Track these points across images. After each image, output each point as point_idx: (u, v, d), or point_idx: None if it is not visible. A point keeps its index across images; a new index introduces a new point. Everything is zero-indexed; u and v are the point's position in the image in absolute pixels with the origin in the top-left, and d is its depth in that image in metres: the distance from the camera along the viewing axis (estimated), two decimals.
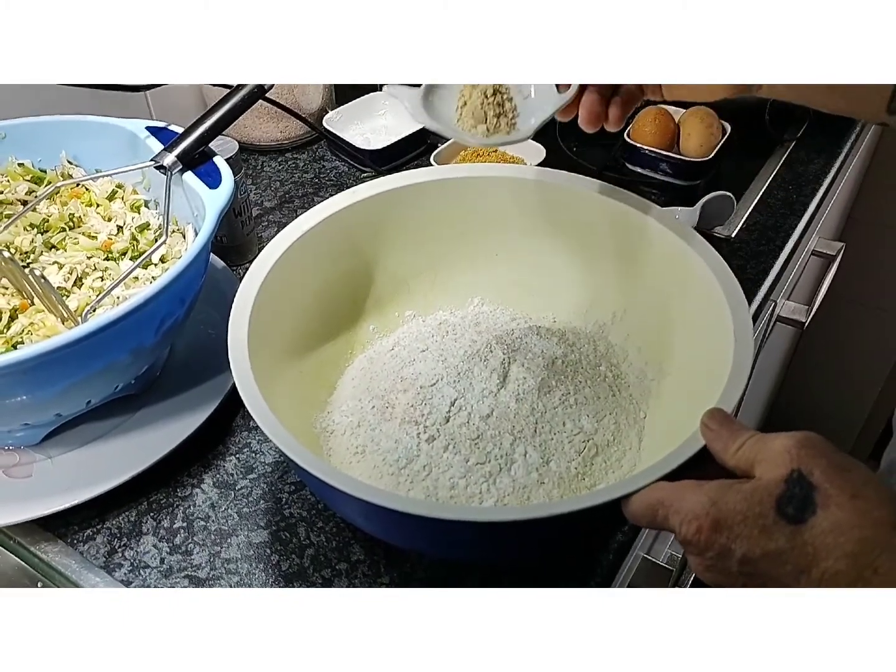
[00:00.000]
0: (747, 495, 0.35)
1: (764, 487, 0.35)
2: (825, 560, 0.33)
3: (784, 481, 0.35)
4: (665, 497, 0.38)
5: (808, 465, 0.35)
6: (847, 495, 0.34)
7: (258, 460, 0.60)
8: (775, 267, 0.77)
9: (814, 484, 0.34)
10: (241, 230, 0.76)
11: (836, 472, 0.35)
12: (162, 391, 0.62)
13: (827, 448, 0.36)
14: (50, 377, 0.49)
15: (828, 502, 0.34)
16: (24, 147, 0.65)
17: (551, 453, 0.53)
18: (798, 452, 0.35)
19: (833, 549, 0.33)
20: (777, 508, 0.35)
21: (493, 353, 0.59)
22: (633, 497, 0.40)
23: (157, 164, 0.59)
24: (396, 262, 0.64)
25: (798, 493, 0.34)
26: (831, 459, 0.35)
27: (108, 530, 0.56)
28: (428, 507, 0.43)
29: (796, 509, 0.34)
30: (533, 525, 0.40)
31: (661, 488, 0.39)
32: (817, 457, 0.35)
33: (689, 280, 0.54)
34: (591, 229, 0.60)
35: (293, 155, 0.93)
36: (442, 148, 0.85)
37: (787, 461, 0.35)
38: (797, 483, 0.35)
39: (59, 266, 0.59)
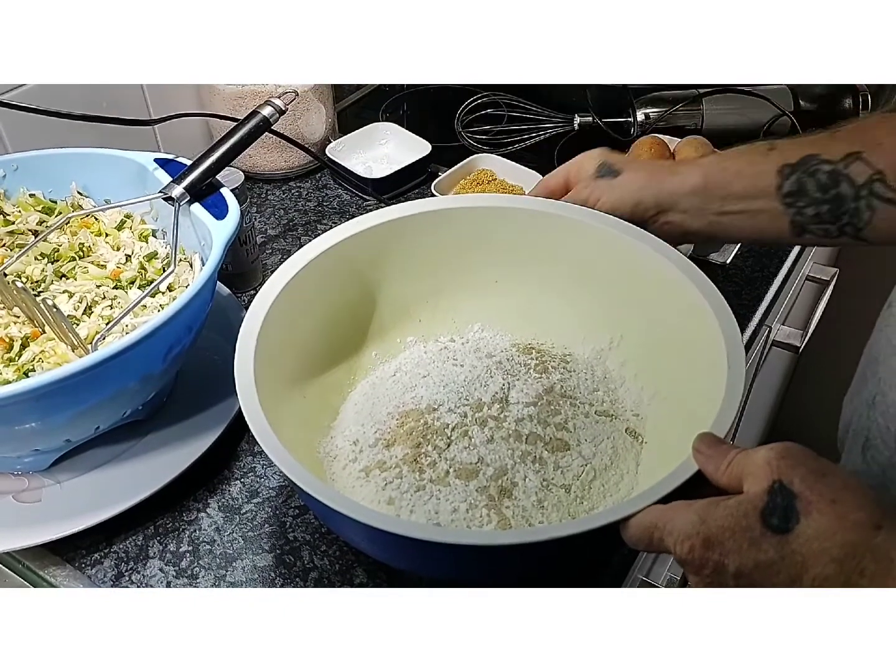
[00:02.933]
0: (733, 510, 0.37)
1: (748, 501, 0.37)
2: (814, 567, 0.34)
3: (766, 493, 0.36)
4: (658, 519, 0.39)
5: (788, 475, 0.36)
6: (826, 500, 0.35)
7: (263, 484, 0.61)
8: (770, 293, 0.79)
9: (794, 493, 0.35)
10: (246, 258, 0.77)
11: (814, 478, 0.36)
12: (169, 417, 0.63)
13: (806, 456, 0.37)
14: (60, 404, 0.51)
15: (809, 509, 0.35)
16: (35, 178, 0.67)
17: (550, 477, 0.54)
18: (778, 463, 0.37)
19: (820, 554, 0.34)
20: (762, 520, 0.36)
21: (493, 378, 0.60)
22: (630, 522, 0.41)
23: (166, 195, 0.61)
24: (399, 290, 0.65)
25: (780, 502, 0.35)
26: (809, 467, 0.36)
27: (116, 554, 0.57)
28: (429, 531, 0.44)
29: (780, 519, 0.35)
30: (533, 548, 0.42)
31: (654, 511, 0.40)
32: (796, 466, 0.36)
33: (684, 307, 0.55)
34: (587, 257, 0.62)
35: (297, 183, 0.95)
36: (442, 177, 0.87)
37: (768, 473, 0.37)
38: (779, 493, 0.36)
39: (70, 295, 0.60)
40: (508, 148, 0.97)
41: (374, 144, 0.97)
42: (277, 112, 0.67)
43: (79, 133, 0.71)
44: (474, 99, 1.03)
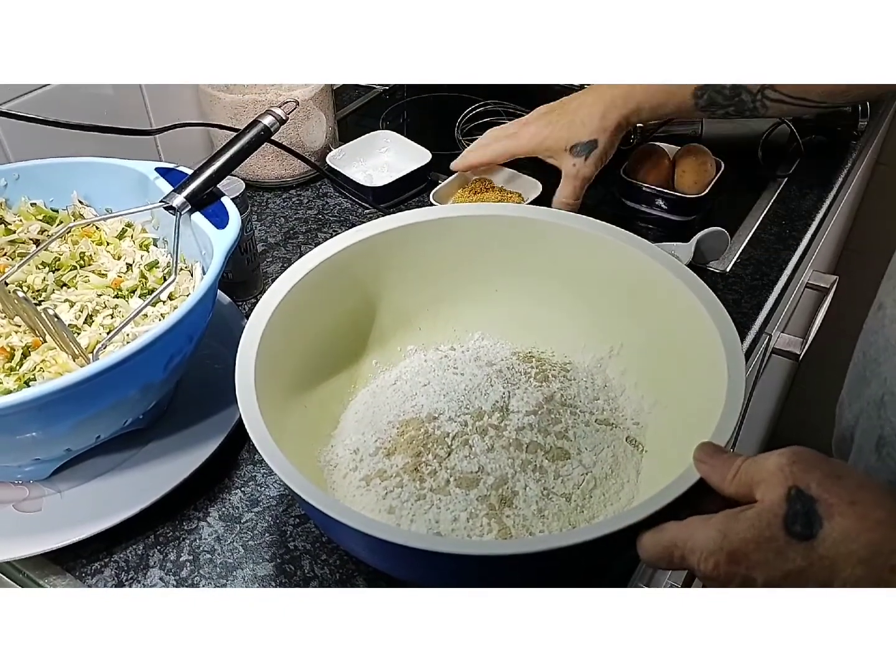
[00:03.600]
0: (754, 521, 0.36)
1: (768, 510, 0.36)
2: (843, 569, 0.34)
3: (785, 500, 0.36)
4: (676, 537, 0.39)
5: (804, 480, 0.36)
6: (846, 502, 0.35)
7: (263, 493, 0.61)
8: (770, 301, 0.79)
9: (813, 497, 0.35)
10: (246, 266, 0.78)
11: (830, 481, 0.36)
12: (169, 425, 0.63)
13: (818, 459, 0.37)
14: (61, 414, 0.51)
15: (831, 511, 0.35)
16: (37, 187, 0.67)
17: (551, 486, 0.54)
18: (791, 469, 0.36)
19: (848, 557, 0.34)
20: (785, 528, 0.35)
21: (494, 387, 0.60)
22: (645, 542, 0.41)
23: (167, 205, 0.61)
24: (399, 299, 0.66)
25: (801, 509, 0.35)
26: (824, 469, 0.36)
27: (116, 563, 0.57)
28: (429, 541, 0.44)
29: (803, 525, 0.35)
30: (534, 558, 0.42)
31: (670, 528, 0.40)
32: (810, 469, 0.36)
33: (683, 316, 0.55)
34: (587, 266, 0.62)
35: (297, 192, 0.96)
36: (441, 186, 0.88)
37: (782, 480, 0.36)
38: (797, 499, 0.35)
39: (71, 304, 0.60)
40: None
41: (374, 152, 0.98)
42: (278, 121, 0.67)
43: (80, 142, 0.71)
44: (475, 107, 1.03)
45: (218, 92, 0.89)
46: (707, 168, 0.87)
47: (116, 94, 0.85)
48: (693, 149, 0.88)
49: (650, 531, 0.41)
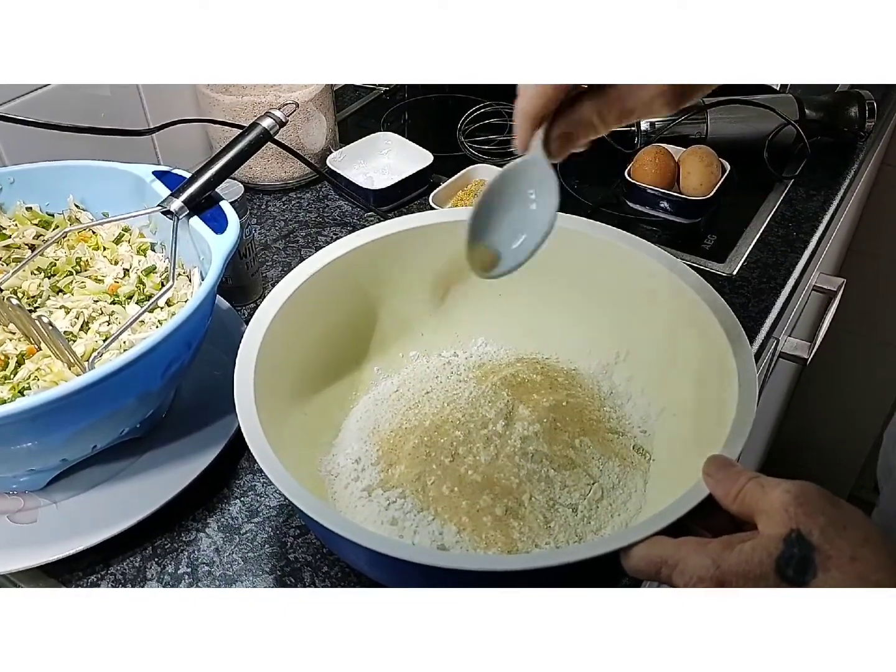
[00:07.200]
0: (748, 556, 0.35)
1: (763, 547, 0.35)
2: None
3: (783, 540, 0.35)
4: (668, 556, 0.38)
5: (807, 525, 0.35)
6: (847, 557, 0.34)
7: (263, 503, 0.60)
8: (777, 304, 0.78)
9: (813, 545, 0.34)
10: (246, 271, 0.76)
11: (835, 530, 0.34)
12: (167, 434, 0.62)
13: (825, 502, 0.36)
14: (56, 424, 0.49)
15: (828, 564, 0.34)
16: (32, 191, 0.66)
17: (556, 496, 0.53)
18: (796, 511, 0.35)
19: None
20: (777, 570, 0.34)
21: (498, 394, 0.59)
22: (634, 551, 0.40)
23: (164, 209, 0.60)
24: (400, 304, 0.64)
25: (797, 553, 0.34)
26: (829, 516, 0.35)
27: (113, 576, 0.55)
28: (433, 556, 0.43)
29: (796, 571, 0.34)
30: (540, 573, 0.40)
31: (663, 545, 0.39)
32: (815, 514, 0.35)
33: (690, 320, 0.54)
34: (592, 270, 0.61)
35: (297, 194, 0.94)
36: (440, 188, 0.86)
37: (785, 520, 0.35)
38: (796, 543, 0.34)
39: (67, 310, 0.59)
40: (510, 158, 0.96)
41: (375, 154, 0.97)
42: (277, 124, 0.66)
43: (76, 145, 0.70)
44: (477, 108, 1.02)
45: (216, 94, 0.87)
46: (712, 170, 0.86)
47: (114, 97, 0.83)
48: (698, 150, 0.87)
49: (642, 543, 0.40)
